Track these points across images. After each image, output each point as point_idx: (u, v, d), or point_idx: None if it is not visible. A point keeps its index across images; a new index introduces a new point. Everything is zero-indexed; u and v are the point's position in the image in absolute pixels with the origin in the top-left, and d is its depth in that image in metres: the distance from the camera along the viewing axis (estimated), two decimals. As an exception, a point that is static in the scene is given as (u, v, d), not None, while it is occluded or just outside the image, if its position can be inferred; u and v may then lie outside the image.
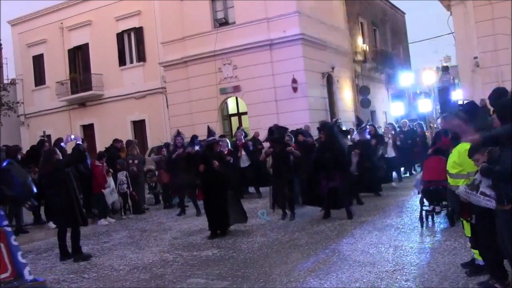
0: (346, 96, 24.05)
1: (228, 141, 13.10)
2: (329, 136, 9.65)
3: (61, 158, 8.35)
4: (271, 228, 9.22)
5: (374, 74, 28.54)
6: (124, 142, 14.32)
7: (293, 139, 10.84)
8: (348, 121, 21.83)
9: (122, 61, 24.95)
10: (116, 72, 24.97)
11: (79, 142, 11.84)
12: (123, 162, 12.93)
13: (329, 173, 9.47)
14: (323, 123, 10.42)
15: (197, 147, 11.63)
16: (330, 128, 9.93)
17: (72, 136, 11.71)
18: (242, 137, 14.44)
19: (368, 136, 12.28)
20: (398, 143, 14.61)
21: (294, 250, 7.35)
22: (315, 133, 14.57)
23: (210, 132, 9.55)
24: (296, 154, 10.01)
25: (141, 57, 24.50)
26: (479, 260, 5.17)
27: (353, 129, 15.30)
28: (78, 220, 8.02)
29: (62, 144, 11.84)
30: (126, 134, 22.86)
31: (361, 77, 26.31)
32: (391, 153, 14.12)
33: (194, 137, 11.99)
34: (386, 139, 14.04)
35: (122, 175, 12.51)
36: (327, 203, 9.64)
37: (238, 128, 16.96)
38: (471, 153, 4.82)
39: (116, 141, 14.18)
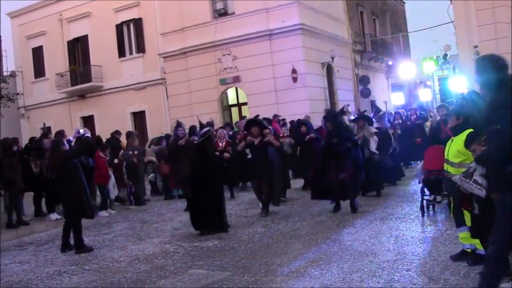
0: (345, 86, 23.96)
1: (225, 131, 12.94)
2: (336, 124, 9.38)
3: (68, 149, 8.27)
4: (272, 218, 9.20)
5: (374, 63, 28.45)
6: (125, 134, 14.27)
7: (273, 131, 10.63)
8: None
9: (121, 53, 24.86)
10: (116, 64, 24.89)
11: (88, 134, 11.80)
12: (127, 154, 12.83)
13: (339, 163, 8.98)
14: (329, 112, 10.29)
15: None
16: (335, 116, 9.77)
17: (81, 130, 11.68)
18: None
19: (388, 124, 12.03)
20: (399, 131, 14.38)
21: (295, 240, 7.32)
22: (315, 123, 14.53)
23: (203, 125, 9.29)
24: (276, 145, 9.68)
25: (141, 48, 24.40)
26: (481, 249, 5.14)
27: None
28: (86, 212, 7.98)
29: (70, 138, 11.84)
30: (126, 126, 22.82)
31: (361, 67, 26.23)
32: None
33: (193, 128, 11.85)
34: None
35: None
36: (336, 195, 9.14)
37: (243, 118, 16.80)
38: (468, 143, 4.83)
39: (116, 132, 14.13)
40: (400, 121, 14.79)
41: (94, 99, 25.84)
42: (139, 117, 24.92)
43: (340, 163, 9.00)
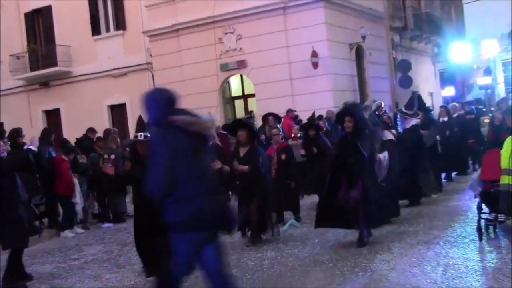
0: (380, 73, 23.89)
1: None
2: (358, 125, 8.90)
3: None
4: (285, 240, 9.17)
5: (417, 45, 28.36)
6: (101, 133, 14.36)
7: (282, 132, 10.45)
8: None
9: (95, 29, 24.94)
10: (88, 43, 24.97)
11: (32, 147, 11.79)
12: (96, 157, 12.93)
13: (351, 177, 8.42)
14: (350, 106, 9.82)
15: None
16: (359, 113, 9.31)
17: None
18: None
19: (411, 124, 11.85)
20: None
21: (315, 268, 7.29)
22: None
23: (143, 123, 7.83)
24: (243, 170, 9.02)
25: (120, 25, 24.48)
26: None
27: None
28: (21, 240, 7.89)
29: (31, 147, 11.90)
30: (102, 122, 22.87)
31: (400, 49, 26.15)
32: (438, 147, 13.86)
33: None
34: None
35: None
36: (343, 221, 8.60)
37: (249, 114, 16.85)
38: None
39: (90, 131, 14.15)
40: (446, 118, 14.73)
41: (61, 88, 25.91)
42: (118, 112, 24.99)
43: (352, 177, 8.43)
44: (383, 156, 9.66)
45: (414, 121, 11.61)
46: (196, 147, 4.67)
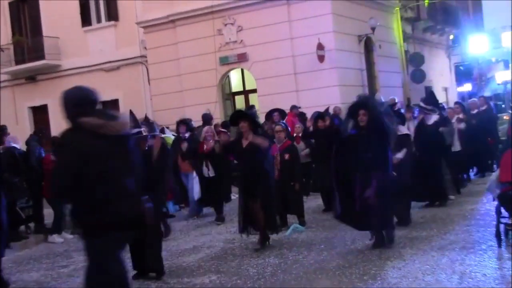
0: (390, 67, 23.89)
1: (212, 129, 12.97)
2: (374, 118, 8.87)
3: None
4: (289, 245, 9.17)
5: (430, 36, 28.33)
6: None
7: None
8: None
9: (86, 20, 24.91)
10: (78, 35, 24.95)
11: (15, 145, 11.77)
12: None
13: (367, 174, 8.46)
14: (366, 98, 9.82)
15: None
16: (375, 107, 9.26)
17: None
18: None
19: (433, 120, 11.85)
20: (462, 125, 14.20)
21: (321, 276, 7.28)
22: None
23: (135, 119, 8.29)
24: (263, 145, 9.07)
25: (112, 15, 24.45)
26: None
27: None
28: None
29: (14, 145, 11.90)
30: (93, 120, 22.83)
31: (412, 41, 26.13)
32: (457, 146, 13.85)
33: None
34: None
35: None
36: (358, 222, 8.66)
37: (251, 107, 16.78)
38: None
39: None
40: (461, 115, 14.70)
41: (48, 83, 25.84)
42: (110, 108, 24.82)
43: (368, 174, 8.44)
44: (402, 154, 9.70)
45: (435, 117, 11.64)
46: (111, 149, 4.83)
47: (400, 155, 9.74)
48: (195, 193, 12.58)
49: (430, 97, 12.71)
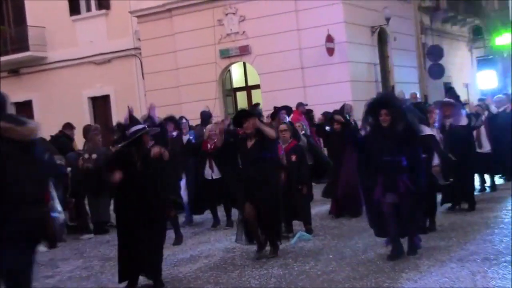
0: (406, 61, 23.88)
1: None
2: (399, 119, 8.82)
3: None
4: (294, 255, 9.16)
5: (450, 28, 28.31)
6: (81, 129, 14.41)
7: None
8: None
9: (74, 9, 25.00)
10: (66, 25, 25.03)
11: None
12: (74, 156, 12.95)
13: (392, 178, 8.40)
14: (389, 96, 9.76)
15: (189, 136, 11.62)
16: (399, 106, 9.19)
17: None
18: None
19: (464, 120, 11.81)
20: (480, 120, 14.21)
21: (330, 289, 7.27)
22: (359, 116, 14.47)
23: (134, 119, 8.45)
24: (270, 134, 9.09)
25: (103, 3, 24.53)
26: None
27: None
28: None
29: None
30: (82, 116, 22.95)
31: (430, 33, 26.11)
32: (486, 146, 13.84)
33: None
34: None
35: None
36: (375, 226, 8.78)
37: (256, 105, 16.81)
38: None
39: (67, 126, 14.19)
40: (487, 113, 14.69)
41: (33, 77, 25.99)
42: (101, 105, 25.05)
43: (390, 177, 8.44)
44: (437, 160, 9.78)
45: (464, 118, 11.62)
46: (15, 154, 5.03)
47: (436, 160, 9.80)
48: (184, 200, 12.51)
49: (449, 93, 12.65)
